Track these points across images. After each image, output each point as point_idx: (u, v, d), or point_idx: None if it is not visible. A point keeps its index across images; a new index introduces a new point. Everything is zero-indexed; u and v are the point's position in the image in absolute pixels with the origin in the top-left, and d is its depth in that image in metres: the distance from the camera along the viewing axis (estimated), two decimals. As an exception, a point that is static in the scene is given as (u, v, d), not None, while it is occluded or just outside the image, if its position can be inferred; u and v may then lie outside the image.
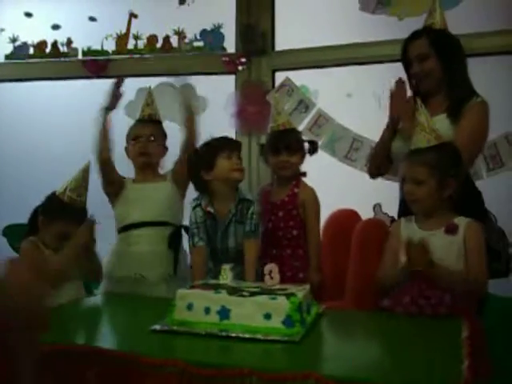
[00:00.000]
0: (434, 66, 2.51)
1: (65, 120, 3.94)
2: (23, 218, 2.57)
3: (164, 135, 2.81)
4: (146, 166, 2.74)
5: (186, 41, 3.84)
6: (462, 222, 2.14)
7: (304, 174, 2.65)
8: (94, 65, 3.93)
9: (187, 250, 2.62)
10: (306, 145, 2.63)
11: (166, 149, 2.81)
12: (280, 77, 3.73)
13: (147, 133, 2.72)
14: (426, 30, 2.59)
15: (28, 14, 4.08)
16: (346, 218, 2.87)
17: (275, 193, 2.64)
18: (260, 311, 1.76)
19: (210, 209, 2.43)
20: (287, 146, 2.56)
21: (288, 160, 2.56)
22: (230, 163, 2.38)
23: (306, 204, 2.56)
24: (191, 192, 2.55)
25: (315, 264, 2.53)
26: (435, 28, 2.59)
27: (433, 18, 2.62)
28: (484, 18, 3.29)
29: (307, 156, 2.63)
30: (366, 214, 3.04)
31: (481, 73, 3.10)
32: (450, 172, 2.13)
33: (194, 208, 2.46)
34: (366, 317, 2.08)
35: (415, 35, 2.58)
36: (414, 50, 2.56)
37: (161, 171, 2.80)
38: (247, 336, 1.72)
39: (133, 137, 2.74)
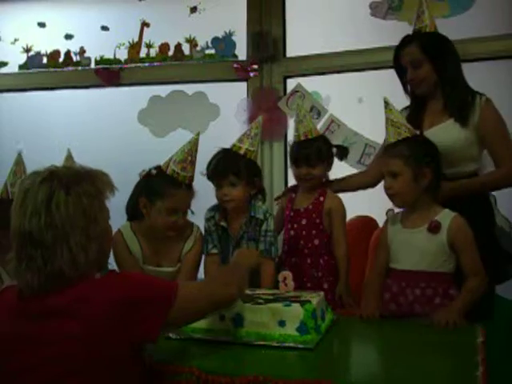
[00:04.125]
0: (429, 72, 2.46)
1: (78, 129, 3.98)
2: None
3: None
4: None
5: (198, 48, 3.87)
6: (446, 217, 2.12)
7: (328, 183, 2.59)
8: (107, 73, 3.97)
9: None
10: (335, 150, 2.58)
11: None
12: (291, 83, 3.73)
13: (186, 206, 2.35)
14: (417, 36, 2.52)
15: (41, 24, 4.13)
16: (364, 225, 2.86)
17: (299, 200, 2.57)
18: (274, 318, 1.76)
19: (222, 223, 2.42)
20: (307, 159, 2.47)
21: (308, 172, 2.48)
22: (219, 193, 2.36)
23: (332, 213, 2.48)
24: (204, 200, 2.48)
25: (344, 278, 2.43)
26: (425, 31, 2.53)
27: (421, 21, 2.55)
28: (494, 21, 3.28)
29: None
30: (379, 219, 3.04)
31: (491, 76, 3.10)
32: (425, 161, 2.12)
33: (208, 220, 2.45)
34: (380, 324, 2.07)
35: (406, 41, 2.52)
36: (406, 57, 2.50)
37: None
38: (261, 343, 1.73)
39: (170, 207, 2.29)
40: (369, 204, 3.05)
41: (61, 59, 4.06)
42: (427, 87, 2.49)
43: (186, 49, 3.89)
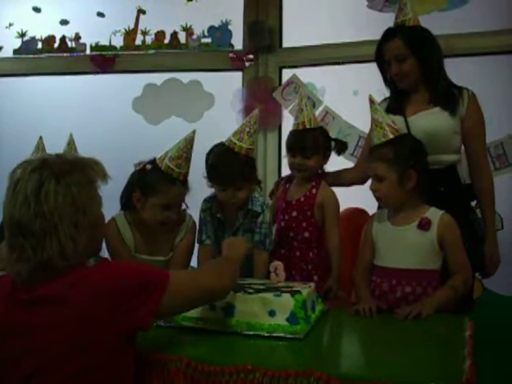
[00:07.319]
0: (413, 66, 2.44)
1: (72, 115, 3.95)
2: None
3: None
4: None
5: (194, 37, 3.85)
6: (434, 215, 2.13)
7: (324, 175, 2.57)
8: (102, 60, 3.94)
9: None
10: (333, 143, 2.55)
11: None
12: (287, 73, 3.72)
13: (181, 200, 2.34)
14: (400, 30, 2.48)
15: (36, 9, 4.09)
16: (355, 217, 2.86)
17: (292, 191, 2.56)
18: (264, 308, 1.77)
19: (219, 215, 2.40)
20: (302, 149, 2.45)
21: (303, 163, 2.47)
22: (223, 195, 2.33)
23: (324, 206, 2.46)
24: (200, 191, 2.44)
25: (336, 271, 2.41)
26: (409, 25, 2.48)
27: (404, 14, 2.50)
28: (493, 16, 3.27)
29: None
30: (370, 211, 3.05)
31: (487, 72, 3.10)
32: (410, 163, 2.11)
33: (204, 211, 2.43)
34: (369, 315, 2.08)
35: (389, 35, 2.49)
36: (389, 51, 2.47)
37: None
38: (251, 333, 1.73)
39: (163, 203, 2.26)
40: (360, 196, 3.07)
41: (56, 45, 4.02)
42: (411, 81, 2.48)
43: (182, 37, 3.87)
